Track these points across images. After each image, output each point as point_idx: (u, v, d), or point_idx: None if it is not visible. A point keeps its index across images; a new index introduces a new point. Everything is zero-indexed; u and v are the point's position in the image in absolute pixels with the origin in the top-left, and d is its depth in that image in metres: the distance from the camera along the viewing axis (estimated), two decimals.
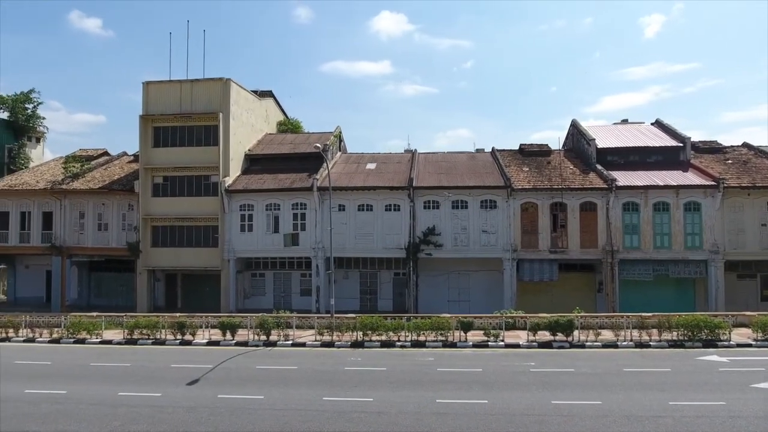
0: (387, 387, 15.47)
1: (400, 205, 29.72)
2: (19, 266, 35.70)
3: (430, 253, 29.18)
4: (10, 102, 44.05)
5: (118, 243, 32.20)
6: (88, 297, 34.23)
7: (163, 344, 22.05)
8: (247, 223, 30.36)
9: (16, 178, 35.86)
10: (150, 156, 31.44)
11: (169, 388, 15.57)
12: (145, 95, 31.82)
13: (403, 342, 21.14)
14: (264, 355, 19.96)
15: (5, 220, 33.67)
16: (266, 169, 32.65)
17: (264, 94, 39.11)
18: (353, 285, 31.27)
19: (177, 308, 30.68)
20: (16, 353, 20.72)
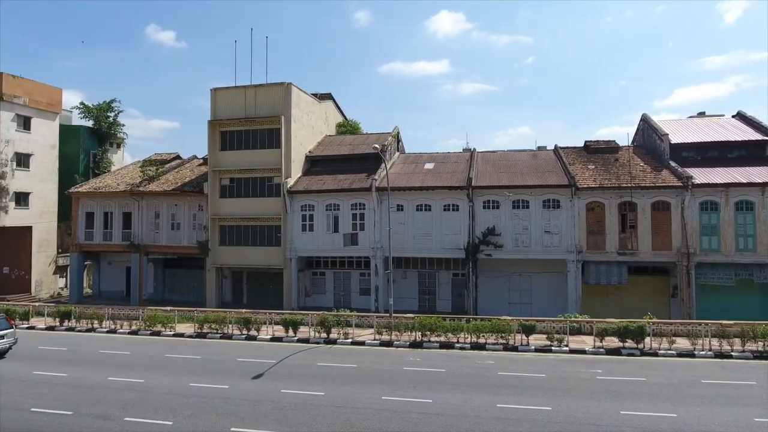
0: (446, 389, 15.35)
1: (459, 205, 29.36)
2: (103, 263, 38.61)
3: (490, 254, 28.62)
4: (95, 111, 47.76)
5: (189, 241, 34.08)
6: (162, 292, 36.46)
7: (230, 339, 23.06)
8: (308, 222, 31.14)
9: (100, 181, 38.82)
10: (218, 159, 33.00)
11: (236, 381, 16.29)
12: (213, 101, 33.44)
13: (462, 344, 20.88)
14: (325, 352, 20.40)
15: (91, 220, 36.55)
16: (326, 170, 33.34)
17: (323, 96, 39.95)
18: (412, 285, 31.26)
19: (243, 304, 32.03)
20: (101, 343, 22.45)
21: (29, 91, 40.20)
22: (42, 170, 41.04)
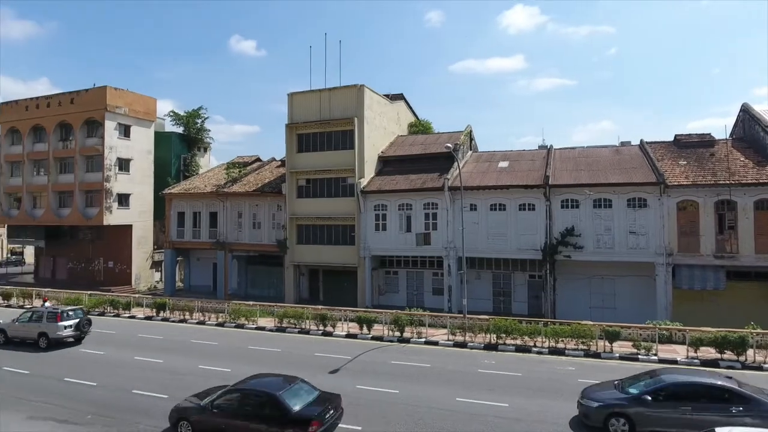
0: (523, 393, 14.94)
1: (535, 204, 28.39)
2: (193, 258, 41.53)
3: (569, 255, 27.41)
4: (184, 118, 51.54)
5: (268, 240, 35.75)
6: (245, 287, 38.53)
7: (308, 334, 23.91)
8: (381, 222, 31.54)
9: (189, 183, 41.78)
10: (294, 161, 34.32)
11: (314, 375, 16.84)
12: (289, 105, 34.80)
13: (539, 348, 20.18)
14: (398, 350, 20.58)
15: (182, 219, 39.46)
16: (398, 170, 33.57)
17: (395, 97, 40.26)
18: (486, 286, 30.68)
19: (319, 301, 33.09)
20: (192, 333, 24.16)
21: (129, 101, 44.15)
22: (140, 174, 44.93)
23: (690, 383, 12.05)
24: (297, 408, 11.00)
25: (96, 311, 29.71)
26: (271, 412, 11.00)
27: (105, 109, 41.99)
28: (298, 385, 11.93)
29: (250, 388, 11.84)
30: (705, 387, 11.77)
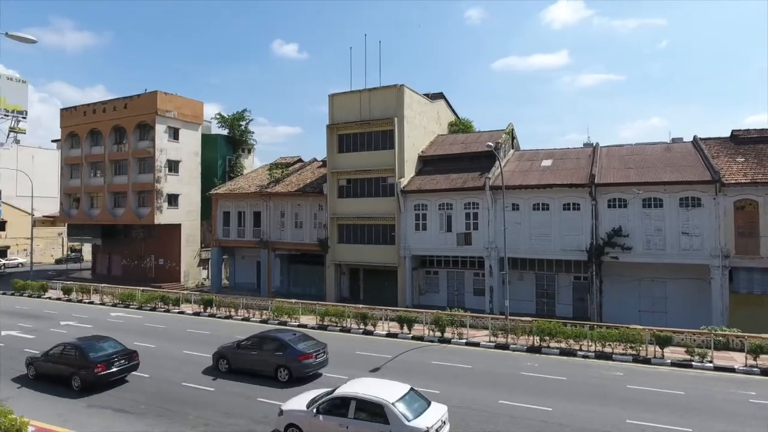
0: (568, 398, 14.57)
1: (580, 203, 27.58)
2: (238, 257, 42.74)
3: (617, 257, 26.47)
4: (229, 121, 53.07)
5: (310, 239, 36.34)
6: (287, 285, 39.31)
7: (348, 332, 24.15)
8: (421, 222, 31.45)
9: (234, 183, 43.02)
10: (335, 161, 34.72)
11: (355, 373, 16.98)
12: (330, 106, 35.25)
13: (585, 352, 19.60)
14: (439, 350, 20.48)
15: (227, 219, 40.69)
16: (438, 169, 33.38)
17: (435, 96, 40.05)
18: (528, 287, 30.06)
19: (359, 300, 33.34)
20: (237, 329, 24.85)
21: (178, 105, 45.90)
22: (188, 175, 46.62)
23: (261, 336, 17.58)
24: (92, 356, 15.53)
25: (148, 306, 31.07)
26: (77, 361, 15.62)
27: (156, 113, 43.82)
28: (105, 341, 16.77)
29: (71, 343, 16.54)
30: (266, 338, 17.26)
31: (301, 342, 16.87)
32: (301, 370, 16.06)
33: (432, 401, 11.52)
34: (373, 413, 10.64)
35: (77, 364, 15.54)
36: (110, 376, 15.62)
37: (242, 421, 13.00)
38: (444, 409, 11.28)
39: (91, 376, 15.24)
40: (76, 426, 12.70)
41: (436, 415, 10.80)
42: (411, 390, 11.44)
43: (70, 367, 15.66)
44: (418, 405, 10.95)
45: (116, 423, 13.00)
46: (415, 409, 10.73)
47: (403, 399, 10.91)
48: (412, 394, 11.27)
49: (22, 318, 27.87)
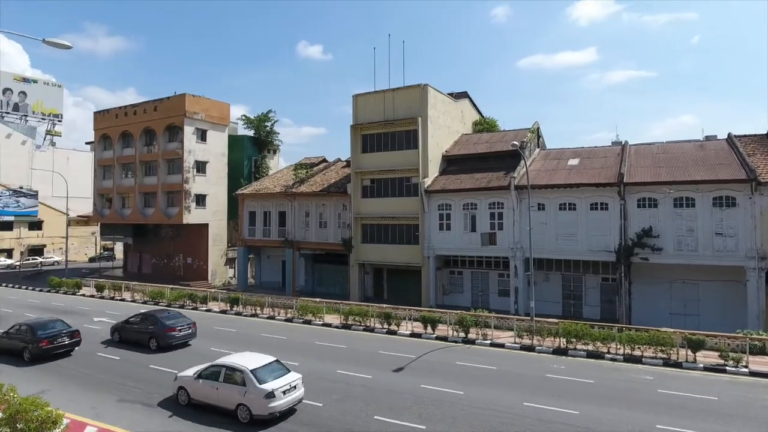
0: (595, 401, 14.28)
1: (608, 203, 27.00)
2: (263, 256, 43.34)
3: (646, 258, 25.82)
4: (255, 122, 53.88)
5: (334, 239, 36.59)
6: (312, 284, 39.67)
7: (372, 332, 24.21)
8: (445, 222, 31.30)
9: (260, 184, 43.63)
10: (359, 161, 34.86)
11: (378, 373, 17.09)
12: (354, 107, 35.40)
13: (613, 355, 19.18)
14: (463, 351, 20.35)
15: (253, 219, 41.31)
16: (463, 169, 33.15)
17: (459, 95, 39.80)
18: (555, 288, 29.59)
19: (383, 299, 33.40)
20: (262, 327, 25.23)
21: (205, 107, 46.82)
22: (215, 175, 47.52)
23: (143, 313, 22.11)
24: (39, 333, 18.82)
25: (176, 304, 31.78)
26: (28, 337, 18.87)
27: (184, 115, 44.80)
28: (54, 323, 20.01)
29: (25, 323, 19.78)
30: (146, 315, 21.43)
31: (170, 319, 20.95)
32: (166, 341, 20.22)
33: (291, 371, 14.09)
34: (235, 378, 13.30)
35: (28, 340, 18.90)
36: (53, 350, 18.99)
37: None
38: (297, 377, 13.80)
39: (37, 349, 18.67)
40: (109, 419, 13.09)
41: (286, 381, 13.32)
42: (275, 361, 14.11)
43: (22, 342, 19.05)
44: (276, 373, 13.51)
45: (144, 418, 13.34)
46: (270, 375, 13.29)
47: (263, 368, 13.49)
48: (273, 365, 13.89)
49: (58, 314, 28.78)
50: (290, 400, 13.20)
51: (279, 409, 12.83)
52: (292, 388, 13.36)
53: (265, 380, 13.04)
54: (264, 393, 12.71)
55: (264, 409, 12.68)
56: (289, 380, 13.42)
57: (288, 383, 13.27)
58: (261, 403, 12.69)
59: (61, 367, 18.08)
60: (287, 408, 13.16)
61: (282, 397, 12.92)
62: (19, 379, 15.50)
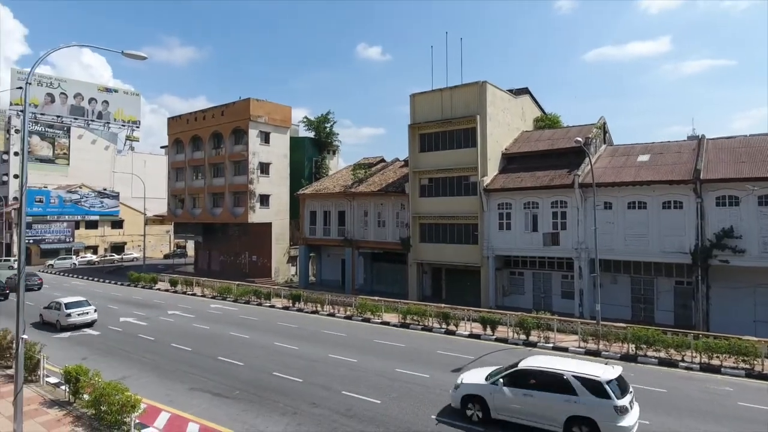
0: (668, 412, 13.46)
1: (683, 201, 25.32)
2: (324, 255, 44.36)
3: (727, 260, 23.97)
4: (315, 124, 55.28)
5: (392, 238, 36.80)
6: (371, 283, 40.12)
7: (430, 331, 24.13)
8: (505, 221, 30.61)
9: (320, 184, 44.68)
10: (417, 160, 34.81)
11: (436, 372, 17.01)
12: (412, 106, 35.39)
13: (688, 363, 17.97)
14: (523, 354, 19.69)
15: (314, 218, 42.38)
16: (523, 167, 32.26)
17: (519, 91, 38.75)
18: (623, 291, 28.12)
19: (441, 299, 33.18)
20: (323, 324, 25.84)
21: (268, 111, 48.59)
22: (277, 176, 49.22)
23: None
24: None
25: (242, 299, 33.24)
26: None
27: (249, 119, 46.74)
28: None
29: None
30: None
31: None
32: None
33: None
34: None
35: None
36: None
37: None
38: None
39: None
40: (180, 406, 13.92)
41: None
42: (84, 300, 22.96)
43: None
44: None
45: (213, 406, 14.07)
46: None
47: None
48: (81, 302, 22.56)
49: (137, 307, 31.06)
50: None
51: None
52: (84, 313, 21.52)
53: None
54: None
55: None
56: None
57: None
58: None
59: (140, 356, 19.43)
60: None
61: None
62: (101, 365, 16.85)
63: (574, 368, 11.82)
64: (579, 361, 13.86)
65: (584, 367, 11.98)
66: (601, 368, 11.89)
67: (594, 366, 12.21)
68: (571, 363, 12.51)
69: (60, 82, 64.53)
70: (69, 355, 19.08)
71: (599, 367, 12.07)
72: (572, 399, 11.17)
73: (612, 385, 11.16)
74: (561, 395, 11.33)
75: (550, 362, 12.44)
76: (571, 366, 12.04)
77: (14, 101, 58.41)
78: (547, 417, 11.45)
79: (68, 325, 24.16)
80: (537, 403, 11.59)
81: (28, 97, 11.39)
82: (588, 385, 11.19)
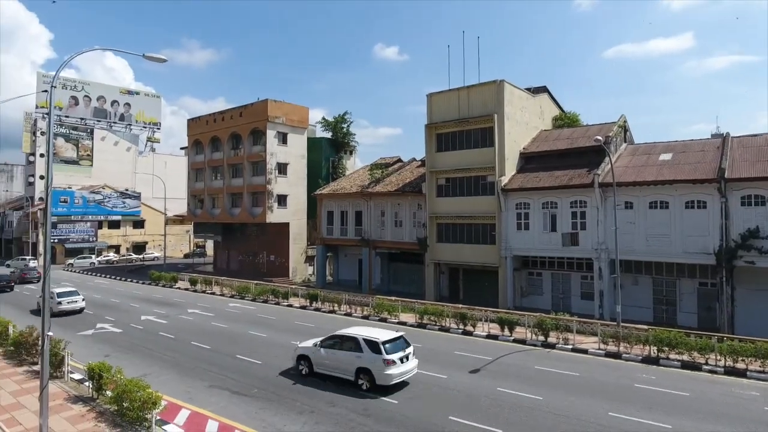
0: (691, 416, 13.18)
1: (707, 201, 24.76)
2: (341, 254, 44.51)
3: (753, 261, 23.36)
4: (332, 124, 55.50)
5: (409, 238, 36.75)
6: (388, 283, 40.12)
7: (447, 332, 24.02)
8: (523, 221, 30.33)
9: (337, 184, 44.85)
10: (434, 160, 34.70)
11: (454, 373, 16.93)
12: (428, 106, 35.28)
13: (712, 366, 17.56)
14: (542, 356, 19.61)
15: (331, 218, 42.57)
16: (541, 166, 31.91)
17: (538, 90, 38.34)
18: (644, 292, 27.61)
19: (458, 299, 33.00)
20: (340, 324, 25.72)
21: (286, 111, 48.94)
22: (295, 176, 49.54)
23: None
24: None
25: (260, 298, 33.55)
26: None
27: (266, 120, 47.14)
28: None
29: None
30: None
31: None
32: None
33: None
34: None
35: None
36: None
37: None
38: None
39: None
40: (200, 403, 14.11)
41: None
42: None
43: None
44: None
45: (232, 403, 14.22)
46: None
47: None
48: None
49: (157, 305, 31.59)
50: None
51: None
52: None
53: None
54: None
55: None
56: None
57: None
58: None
59: (160, 354, 19.75)
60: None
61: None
62: (123, 362, 17.17)
63: (365, 333, 15.73)
64: (372, 327, 18.09)
65: (372, 332, 15.80)
66: (383, 333, 15.75)
67: (380, 331, 15.97)
68: (365, 329, 16.64)
69: (84, 85, 66.06)
70: (92, 352, 19.49)
71: (383, 332, 15.90)
72: (360, 355, 15.07)
73: (386, 345, 14.91)
74: (353, 353, 15.28)
75: (355, 330, 16.44)
76: (364, 332, 15.98)
77: (40, 104, 59.98)
78: (344, 369, 15.44)
79: (59, 312, 27.52)
80: (339, 359, 15.63)
81: (53, 100, 11.66)
82: (370, 345, 15.02)
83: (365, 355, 14.93)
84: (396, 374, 14.74)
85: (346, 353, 15.45)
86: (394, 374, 14.69)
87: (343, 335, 16.05)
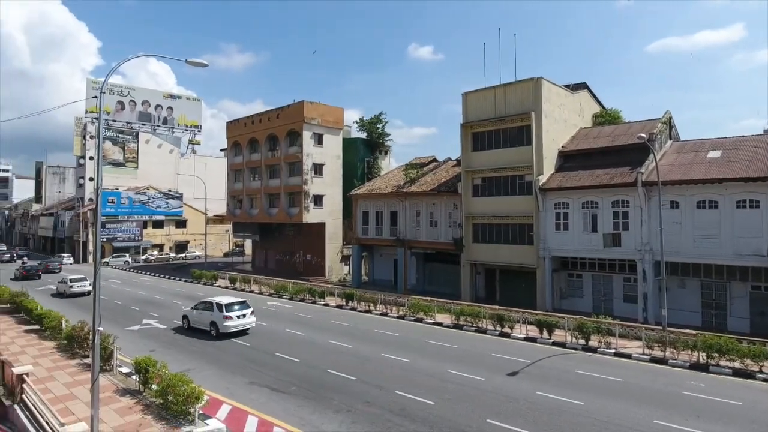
0: (744, 426, 12.55)
1: (760, 201, 23.49)
2: (376, 254, 44.67)
3: None
4: (367, 124, 55.78)
5: (445, 238, 36.50)
6: (423, 283, 39.97)
7: (484, 333, 23.72)
8: (562, 221, 29.60)
9: (372, 184, 45.02)
10: (470, 160, 34.32)
11: (491, 375, 16.71)
12: (464, 105, 34.90)
13: (767, 374, 16.67)
14: (583, 359, 19.10)
15: (366, 218, 42.78)
16: (581, 165, 31.07)
17: (577, 86, 37.33)
18: (692, 296, 26.47)
19: (495, 300, 32.56)
20: (375, 324, 26.02)
21: (321, 113, 49.51)
22: (330, 177, 50.06)
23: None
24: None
25: (297, 297, 34.06)
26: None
27: (303, 121, 47.84)
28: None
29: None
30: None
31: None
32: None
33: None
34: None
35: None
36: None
37: None
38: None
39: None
40: (240, 399, 14.46)
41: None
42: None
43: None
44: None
45: (271, 400, 14.50)
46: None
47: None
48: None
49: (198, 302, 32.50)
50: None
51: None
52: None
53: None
54: None
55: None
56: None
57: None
58: None
59: (202, 350, 20.36)
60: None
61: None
62: (167, 357, 17.77)
63: (219, 299, 23.11)
64: (228, 296, 25.80)
65: (223, 299, 23.24)
66: (230, 299, 23.41)
67: (229, 298, 23.75)
68: (223, 297, 23.93)
69: (129, 90, 68.85)
70: (138, 347, 20.27)
71: (231, 298, 23.69)
72: (213, 314, 22.43)
73: (227, 306, 22.38)
74: (210, 312, 22.63)
75: (216, 297, 23.86)
76: (219, 298, 23.45)
77: (89, 109, 62.87)
78: (204, 323, 22.82)
79: (71, 293, 34.08)
80: (203, 317, 23.00)
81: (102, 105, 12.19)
82: (217, 306, 22.45)
83: (215, 313, 22.22)
84: (232, 326, 21.92)
85: (205, 312, 22.84)
86: (231, 326, 21.88)
87: (205, 301, 23.64)
